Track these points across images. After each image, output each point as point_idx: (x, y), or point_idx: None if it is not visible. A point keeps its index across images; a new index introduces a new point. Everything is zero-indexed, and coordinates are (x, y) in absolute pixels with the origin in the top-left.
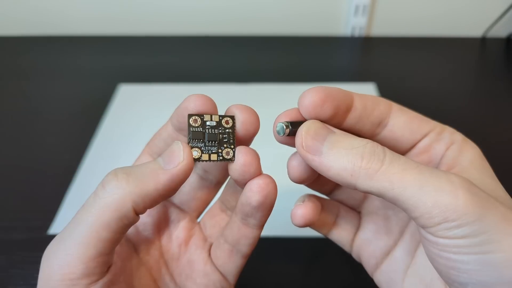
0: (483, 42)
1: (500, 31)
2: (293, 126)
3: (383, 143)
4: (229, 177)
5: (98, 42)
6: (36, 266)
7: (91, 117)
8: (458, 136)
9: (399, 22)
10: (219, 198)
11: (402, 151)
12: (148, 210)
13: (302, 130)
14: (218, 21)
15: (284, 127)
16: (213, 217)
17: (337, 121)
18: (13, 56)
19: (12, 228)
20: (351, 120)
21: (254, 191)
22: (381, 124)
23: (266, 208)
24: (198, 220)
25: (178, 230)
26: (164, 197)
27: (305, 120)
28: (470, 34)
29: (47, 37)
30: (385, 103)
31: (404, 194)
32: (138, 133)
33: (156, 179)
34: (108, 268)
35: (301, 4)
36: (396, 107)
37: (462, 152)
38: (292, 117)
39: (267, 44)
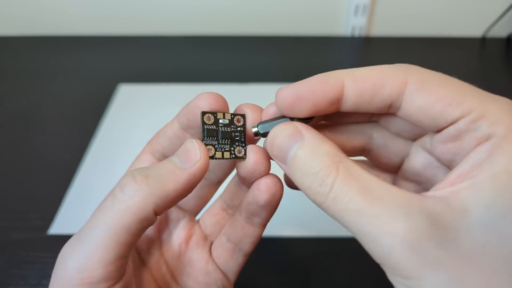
0: (483, 42)
1: (500, 31)
2: (265, 129)
3: (399, 126)
4: (234, 175)
5: (98, 42)
6: (36, 266)
7: (91, 117)
8: (500, 129)
9: (399, 22)
10: (220, 197)
11: (425, 133)
12: None
13: (267, 142)
14: (218, 21)
15: (256, 131)
16: (213, 216)
17: (325, 112)
18: (13, 56)
19: (12, 228)
20: (346, 108)
21: (262, 190)
22: (392, 106)
23: (272, 207)
24: (196, 218)
25: (178, 229)
26: (182, 197)
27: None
28: (470, 34)
29: (47, 37)
30: (394, 83)
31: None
32: (138, 133)
33: (175, 179)
34: (124, 271)
35: (301, 4)
36: (413, 86)
37: (494, 157)
38: (271, 113)
39: (267, 44)
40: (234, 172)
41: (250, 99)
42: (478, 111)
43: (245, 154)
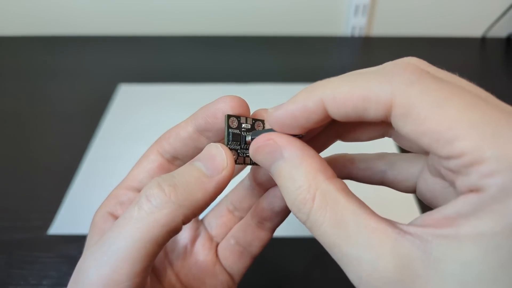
0: (483, 42)
1: (500, 31)
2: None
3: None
4: (243, 178)
5: (98, 42)
6: (36, 266)
7: (91, 117)
8: (492, 186)
9: (399, 22)
10: (226, 198)
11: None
12: None
13: (250, 154)
14: (218, 21)
15: (248, 140)
16: (219, 217)
17: (320, 125)
18: (13, 56)
19: (12, 228)
20: (340, 120)
21: (278, 197)
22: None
23: (287, 214)
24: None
25: (184, 229)
26: (209, 204)
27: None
28: (470, 34)
29: (47, 37)
30: (377, 107)
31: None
32: (138, 133)
33: (203, 189)
34: (147, 281)
35: (301, 4)
36: (398, 112)
37: (480, 215)
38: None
39: (267, 44)
40: (241, 174)
41: (250, 99)
42: (471, 156)
43: None
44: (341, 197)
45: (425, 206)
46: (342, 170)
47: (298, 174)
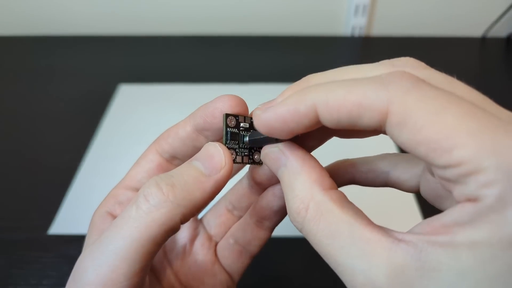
0: (483, 42)
1: (500, 31)
2: (253, 142)
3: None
4: (241, 177)
5: (98, 42)
6: (36, 266)
7: (91, 117)
8: (490, 196)
9: (399, 22)
10: (224, 197)
11: None
12: None
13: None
14: (218, 21)
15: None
16: (218, 217)
17: (310, 130)
18: (14, 56)
19: (12, 228)
20: (331, 127)
21: (277, 196)
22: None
23: (285, 213)
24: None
25: (183, 228)
26: (207, 204)
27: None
28: (470, 34)
29: (47, 37)
30: (372, 114)
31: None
32: (138, 133)
33: (201, 188)
34: (145, 280)
35: (301, 4)
36: (393, 120)
37: (476, 224)
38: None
39: (267, 44)
40: (240, 173)
41: (250, 99)
42: (469, 165)
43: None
44: (336, 208)
45: (425, 208)
46: (344, 175)
47: (296, 184)
